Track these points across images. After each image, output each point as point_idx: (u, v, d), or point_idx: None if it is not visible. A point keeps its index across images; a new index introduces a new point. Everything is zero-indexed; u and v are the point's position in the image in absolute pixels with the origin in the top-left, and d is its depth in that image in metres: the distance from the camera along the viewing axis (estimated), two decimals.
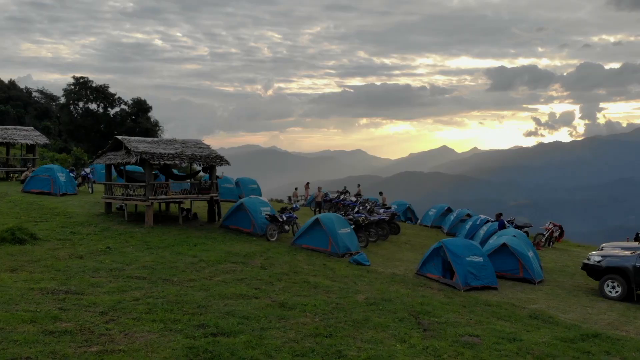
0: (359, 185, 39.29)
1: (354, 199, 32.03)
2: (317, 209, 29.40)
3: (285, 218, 20.50)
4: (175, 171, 27.19)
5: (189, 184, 22.47)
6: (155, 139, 22.35)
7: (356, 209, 23.44)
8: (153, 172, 21.51)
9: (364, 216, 21.78)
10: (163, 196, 20.71)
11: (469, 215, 28.16)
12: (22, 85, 74.55)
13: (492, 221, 25.09)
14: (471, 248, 16.47)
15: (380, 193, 34.06)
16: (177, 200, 21.38)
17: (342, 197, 31.93)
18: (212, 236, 19.79)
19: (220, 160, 22.07)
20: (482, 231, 23.59)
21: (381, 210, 26.46)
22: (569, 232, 28.41)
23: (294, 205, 21.37)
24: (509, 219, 27.62)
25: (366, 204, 26.33)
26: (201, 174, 23.05)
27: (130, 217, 22.27)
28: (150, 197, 20.32)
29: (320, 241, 18.63)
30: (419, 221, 32.37)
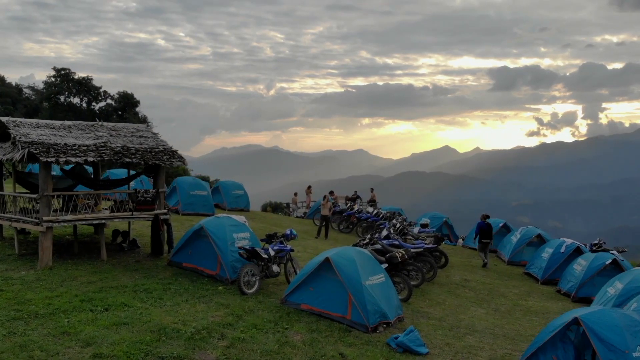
0: (372, 190, 31.20)
1: (370, 209, 23.89)
2: (324, 225, 21.16)
3: (272, 253, 12.27)
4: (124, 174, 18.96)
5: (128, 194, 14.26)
6: (69, 122, 14.10)
7: (384, 232, 15.17)
8: (60, 176, 13.34)
9: (402, 247, 13.59)
10: (68, 216, 12.44)
11: (539, 238, 19.78)
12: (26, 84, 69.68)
13: (596, 249, 16.97)
14: (636, 331, 8.27)
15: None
16: (94, 221, 13.11)
17: (355, 207, 23.76)
18: (146, 286, 11.55)
19: (171, 156, 13.84)
20: (577, 268, 15.36)
21: (415, 230, 18.27)
22: (572, 233, 20.37)
23: (287, 232, 13.05)
24: (595, 242, 19.49)
25: (395, 222, 18.12)
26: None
27: (33, 247, 14.04)
28: (45, 218, 12.08)
29: (333, 300, 10.42)
30: (459, 240, 24.16)
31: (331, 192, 24.65)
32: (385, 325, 10.23)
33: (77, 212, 12.67)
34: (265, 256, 12.04)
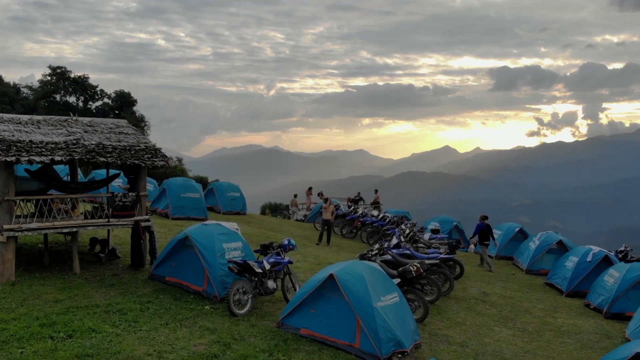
0: (376, 191, 29.68)
1: (375, 213, 22.32)
2: (325, 229, 19.57)
3: (268, 266, 10.68)
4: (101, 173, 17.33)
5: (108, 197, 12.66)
6: (38, 117, 12.53)
7: (394, 240, 13.58)
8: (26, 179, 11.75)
9: (415, 258, 12.02)
10: (34, 224, 10.84)
11: (560, 244, 18.18)
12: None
13: (622, 257, 15.38)
14: None
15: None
16: (65, 229, 11.53)
17: (359, 210, 22.17)
18: (120, 305, 9.96)
19: (153, 155, 12.25)
20: (609, 280, 13.75)
21: (426, 236, 16.68)
22: (572, 233, 18.99)
23: (285, 242, 11.46)
24: (621, 249, 17.91)
25: (404, 227, 16.53)
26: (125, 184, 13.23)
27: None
28: (6, 227, 10.50)
29: (338, 325, 8.84)
30: (470, 246, 22.54)
31: (320, 194, 22.87)
32: (400, 355, 8.64)
33: (44, 219, 11.07)
34: (260, 270, 10.43)
